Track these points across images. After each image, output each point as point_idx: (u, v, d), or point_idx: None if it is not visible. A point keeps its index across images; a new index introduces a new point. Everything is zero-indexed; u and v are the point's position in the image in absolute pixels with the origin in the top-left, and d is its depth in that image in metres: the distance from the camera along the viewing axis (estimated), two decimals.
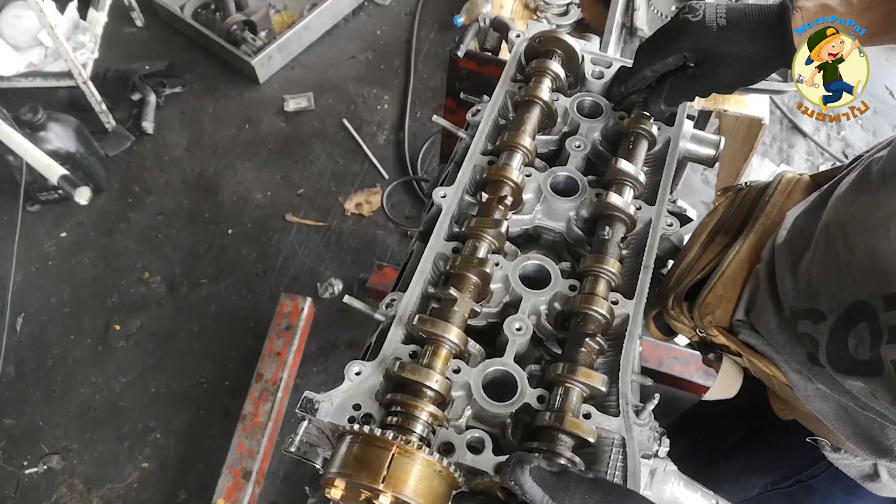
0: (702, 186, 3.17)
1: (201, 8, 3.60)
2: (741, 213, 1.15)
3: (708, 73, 1.02)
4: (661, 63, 1.06)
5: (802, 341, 0.92)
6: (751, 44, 0.98)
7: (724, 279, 1.05)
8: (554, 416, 0.83)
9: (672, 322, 1.11)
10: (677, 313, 1.08)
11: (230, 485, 2.17)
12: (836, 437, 1.04)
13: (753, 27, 0.97)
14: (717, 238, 1.12)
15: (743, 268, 1.06)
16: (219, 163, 3.16)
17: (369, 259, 2.87)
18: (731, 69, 1.00)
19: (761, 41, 0.97)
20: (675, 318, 1.08)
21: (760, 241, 1.08)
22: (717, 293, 1.05)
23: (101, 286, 2.79)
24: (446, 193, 1.06)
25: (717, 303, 1.04)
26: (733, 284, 1.05)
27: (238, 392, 2.44)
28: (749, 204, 1.16)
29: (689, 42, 1.01)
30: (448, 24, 3.56)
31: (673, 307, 1.08)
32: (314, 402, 0.84)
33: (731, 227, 1.14)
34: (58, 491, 2.35)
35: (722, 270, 1.06)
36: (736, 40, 0.98)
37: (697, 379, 2.35)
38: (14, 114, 2.50)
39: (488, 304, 0.99)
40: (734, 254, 1.07)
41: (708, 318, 1.04)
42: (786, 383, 1.00)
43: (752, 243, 1.08)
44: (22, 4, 2.85)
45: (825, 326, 0.87)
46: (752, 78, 1.02)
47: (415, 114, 3.34)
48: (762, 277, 1.02)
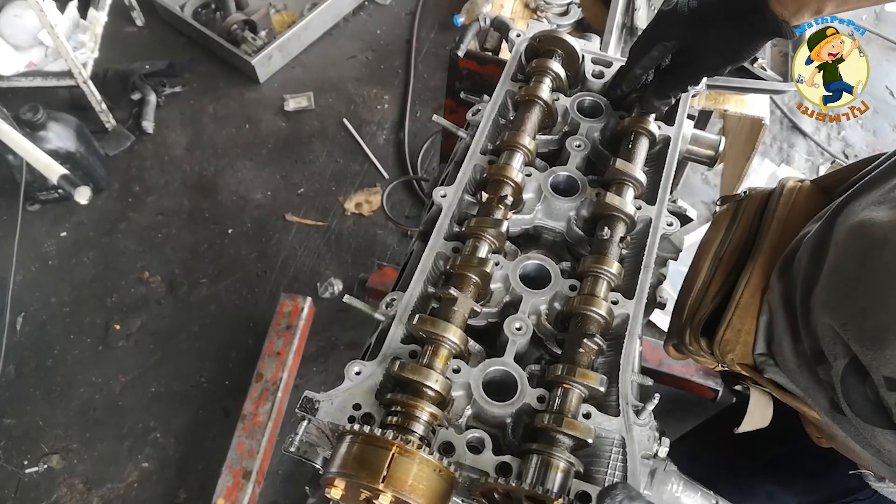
0: (702, 186, 3.17)
1: (201, 7, 3.60)
2: (745, 226, 1.11)
3: (690, 59, 1.03)
4: (648, 58, 1.07)
5: (822, 386, 0.87)
6: (727, 21, 0.97)
7: (738, 310, 1.00)
8: (553, 417, 0.83)
9: (692, 357, 1.06)
10: (696, 349, 1.04)
11: (230, 485, 2.17)
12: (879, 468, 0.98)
13: (724, 5, 0.97)
14: (724, 258, 1.08)
15: (755, 296, 1.01)
16: (219, 162, 3.16)
17: (369, 259, 2.86)
18: (712, 50, 1.00)
19: (736, 17, 0.97)
20: (696, 353, 1.04)
21: (770, 263, 1.03)
22: (735, 327, 1.00)
23: (101, 286, 2.78)
24: (446, 193, 1.06)
25: (735, 338, 0.99)
26: (749, 315, 1.00)
27: (238, 392, 2.44)
28: (752, 216, 1.11)
29: (665, 31, 1.02)
30: (448, 24, 3.55)
31: (691, 343, 1.04)
32: (314, 402, 0.84)
33: (736, 244, 1.09)
34: (58, 491, 2.34)
35: (735, 301, 1.01)
36: (709, 20, 0.98)
37: (697, 379, 2.35)
38: (14, 113, 2.50)
39: (488, 303, 0.99)
40: (745, 281, 1.02)
41: (730, 357, 1.00)
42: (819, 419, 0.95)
43: (761, 267, 1.03)
44: (22, 4, 2.85)
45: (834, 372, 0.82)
46: (736, 55, 1.01)
47: (415, 114, 3.34)
48: (775, 307, 0.97)
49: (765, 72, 1.83)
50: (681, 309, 1.09)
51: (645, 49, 1.06)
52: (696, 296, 1.07)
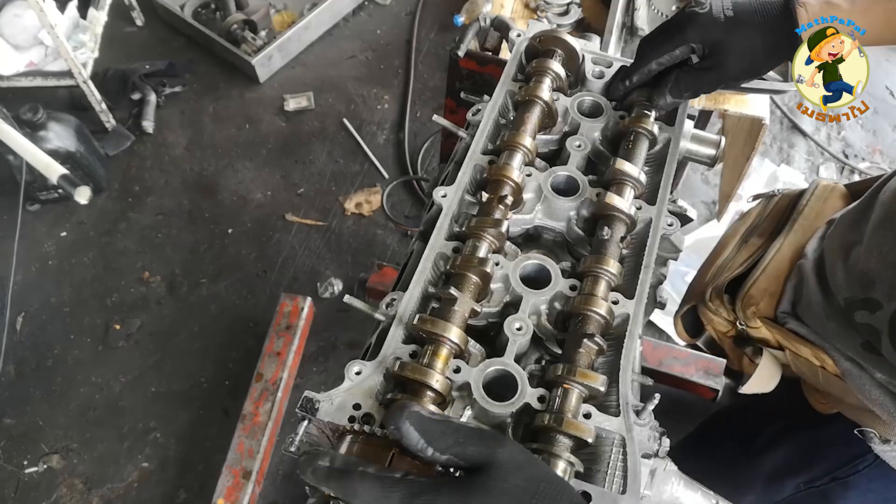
0: (702, 186, 3.17)
1: (201, 7, 3.60)
2: (775, 217, 1.21)
3: (716, 65, 1.03)
4: (668, 56, 1.06)
5: (857, 330, 0.95)
6: (758, 35, 1.00)
7: (766, 273, 1.11)
8: (553, 416, 0.83)
9: (709, 316, 1.15)
10: (716, 306, 1.13)
11: (230, 485, 2.17)
12: (886, 428, 1.05)
13: (759, 20, 0.99)
14: (752, 240, 1.18)
15: (785, 263, 1.12)
16: (219, 162, 3.16)
17: (369, 259, 2.86)
18: (740, 60, 1.02)
19: (767, 33, 0.99)
20: (714, 311, 1.14)
21: (801, 240, 1.13)
22: (761, 286, 1.10)
23: (101, 286, 2.78)
24: (446, 193, 1.06)
25: (760, 295, 1.09)
26: (776, 279, 1.10)
27: (238, 392, 2.44)
28: (783, 209, 1.21)
29: (698, 33, 1.02)
30: (448, 24, 3.56)
31: (712, 300, 1.13)
32: (314, 402, 0.84)
33: (765, 229, 1.19)
34: (58, 490, 2.35)
35: (764, 265, 1.12)
36: (742, 31, 1.00)
37: (697, 379, 2.35)
38: (14, 113, 2.50)
39: (488, 303, 0.99)
40: (775, 250, 1.13)
41: (752, 309, 1.09)
42: (834, 374, 1.02)
43: (792, 242, 1.14)
44: (22, 4, 2.85)
45: (884, 315, 0.90)
46: (760, 69, 1.04)
47: (415, 113, 3.34)
48: (807, 271, 1.07)
49: None
50: (701, 277, 1.19)
51: (669, 46, 1.05)
52: (721, 264, 1.18)
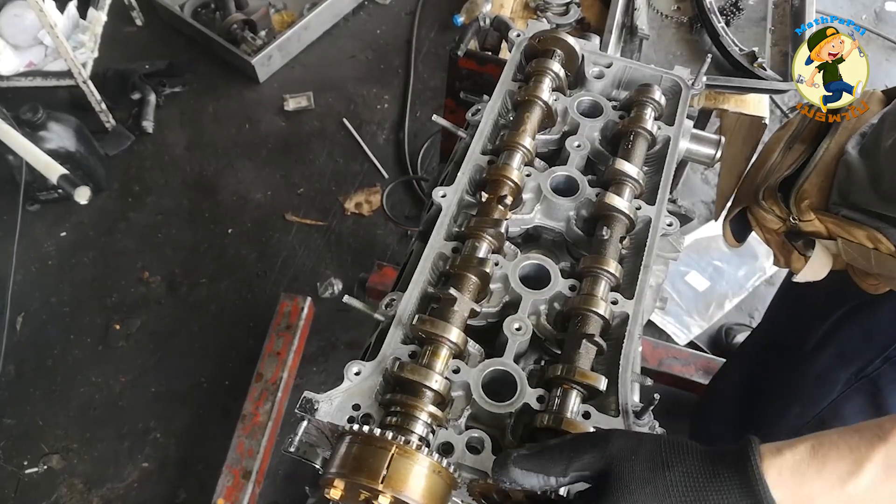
0: (702, 186, 3.17)
1: (201, 7, 3.60)
2: (815, 125, 1.28)
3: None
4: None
5: None
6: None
7: (818, 170, 1.20)
8: (552, 417, 0.83)
9: (761, 214, 1.25)
10: (770, 203, 1.22)
11: (230, 485, 2.17)
12: None
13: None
14: (795, 146, 1.27)
15: (833, 161, 1.21)
16: (219, 162, 3.16)
17: (369, 259, 2.86)
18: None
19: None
20: (767, 209, 1.23)
21: (846, 138, 1.22)
22: (813, 181, 1.19)
23: (101, 286, 2.78)
24: (446, 193, 1.06)
25: (813, 190, 1.19)
26: (826, 175, 1.19)
27: (238, 392, 2.44)
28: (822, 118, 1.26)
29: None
30: (448, 24, 3.55)
31: (765, 198, 1.23)
32: (314, 402, 0.84)
33: (807, 136, 1.28)
34: (58, 491, 2.34)
35: (815, 163, 1.21)
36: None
37: (697, 379, 2.35)
38: (14, 113, 2.50)
39: (488, 303, 0.99)
40: (823, 150, 1.22)
41: (806, 203, 1.18)
42: (888, 252, 1.10)
43: (838, 142, 1.22)
44: (22, 4, 2.85)
45: None
46: None
47: (415, 113, 3.33)
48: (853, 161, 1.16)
49: (765, 72, 1.83)
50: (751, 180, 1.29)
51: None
52: (769, 167, 1.27)
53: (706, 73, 1.30)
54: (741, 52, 1.84)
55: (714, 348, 2.64)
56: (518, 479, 0.69)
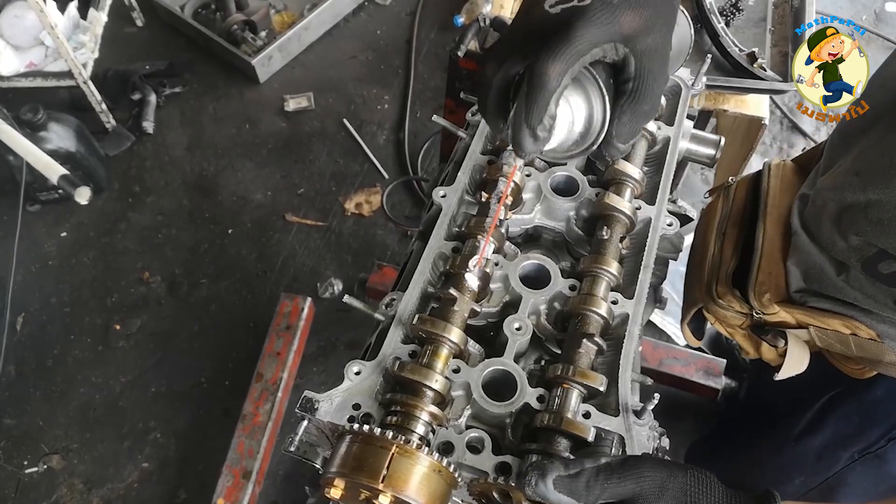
0: (702, 186, 3.17)
1: (201, 8, 3.60)
2: (739, 204, 1.18)
3: None
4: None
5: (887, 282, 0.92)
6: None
7: (765, 257, 1.08)
8: (552, 416, 0.83)
9: (720, 313, 1.12)
10: (728, 301, 1.09)
11: (230, 484, 2.17)
12: None
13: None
14: (728, 231, 1.16)
15: (776, 244, 1.09)
16: (219, 163, 3.16)
17: (369, 259, 2.86)
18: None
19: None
20: (725, 306, 1.10)
21: (779, 218, 1.11)
22: (766, 271, 1.07)
23: (101, 286, 2.78)
24: (446, 193, 1.07)
25: (769, 281, 1.06)
26: (775, 261, 1.07)
27: (238, 392, 2.44)
28: (745, 191, 1.19)
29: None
30: (448, 24, 3.55)
31: (721, 296, 1.10)
32: (314, 402, 0.84)
33: (735, 218, 1.17)
34: (58, 491, 2.35)
35: (759, 251, 1.09)
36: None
37: (697, 379, 2.35)
38: (14, 113, 2.50)
39: (488, 303, 0.99)
40: (762, 234, 1.10)
41: (766, 297, 1.06)
42: (868, 337, 1.00)
43: (773, 220, 1.11)
44: (22, 4, 2.85)
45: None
46: None
47: (415, 114, 3.34)
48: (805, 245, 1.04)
49: (765, 72, 1.83)
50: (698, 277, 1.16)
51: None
52: (712, 259, 1.14)
53: (706, 74, 1.30)
54: (741, 53, 1.84)
55: (714, 349, 2.64)
56: (549, 497, 0.71)
